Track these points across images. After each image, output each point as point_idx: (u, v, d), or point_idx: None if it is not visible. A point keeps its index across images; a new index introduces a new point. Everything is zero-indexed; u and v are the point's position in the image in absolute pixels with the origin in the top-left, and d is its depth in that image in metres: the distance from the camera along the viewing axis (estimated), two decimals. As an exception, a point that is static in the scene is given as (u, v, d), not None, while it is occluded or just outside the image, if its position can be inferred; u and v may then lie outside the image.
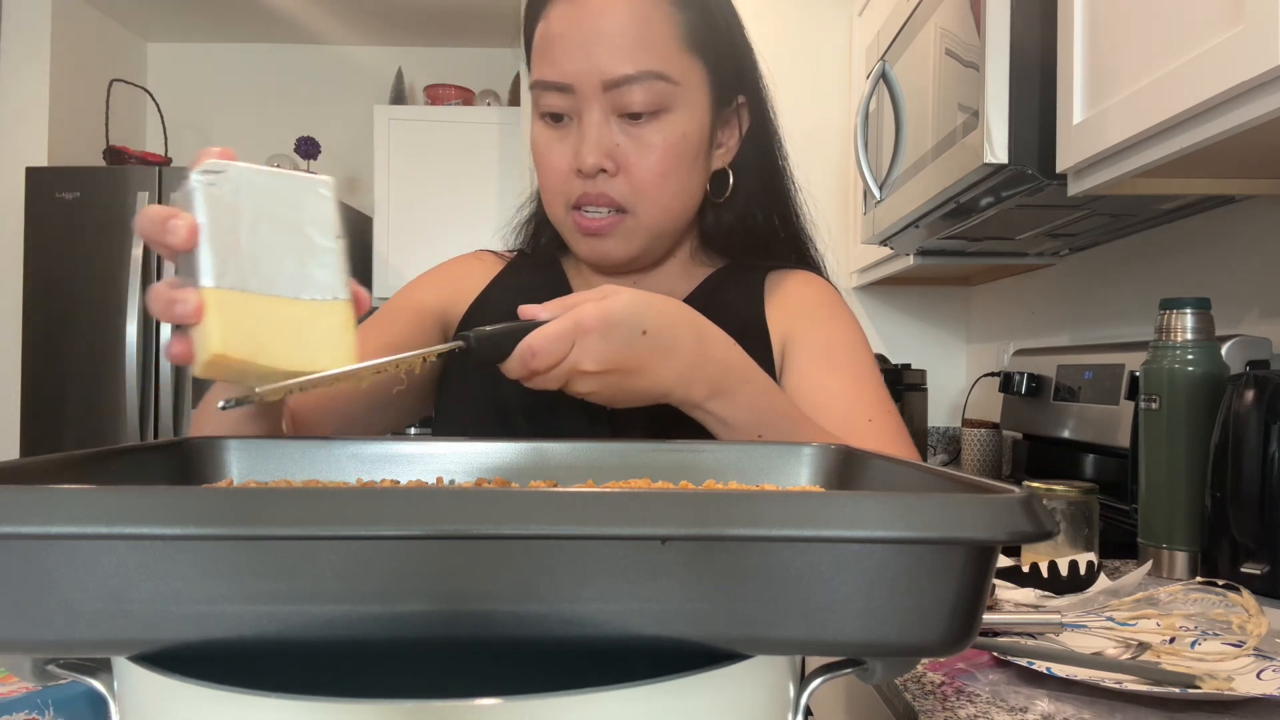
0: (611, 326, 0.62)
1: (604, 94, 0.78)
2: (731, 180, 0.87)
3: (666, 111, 0.80)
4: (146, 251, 3.09)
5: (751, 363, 0.71)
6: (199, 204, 0.51)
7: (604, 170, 0.79)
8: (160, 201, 3.11)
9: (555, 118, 0.82)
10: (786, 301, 0.87)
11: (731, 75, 0.86)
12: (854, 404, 0.80)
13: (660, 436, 0.80)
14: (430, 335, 0.89)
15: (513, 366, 0.62)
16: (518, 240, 0.98)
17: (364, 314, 0.57)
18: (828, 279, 0.93)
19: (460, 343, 0.61)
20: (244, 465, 0.56)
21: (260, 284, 0.52)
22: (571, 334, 0.61)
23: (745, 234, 0.90)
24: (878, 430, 0.78)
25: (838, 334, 0.85)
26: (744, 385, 0.69)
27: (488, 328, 0.62)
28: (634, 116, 0.79)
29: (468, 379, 0.88)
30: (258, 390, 0.51)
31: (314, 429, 0.80)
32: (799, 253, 0.94)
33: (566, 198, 0.82)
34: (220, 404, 0.52)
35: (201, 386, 3.22)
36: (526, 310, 0.64)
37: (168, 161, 3.47)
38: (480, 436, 0.60)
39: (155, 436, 3.15)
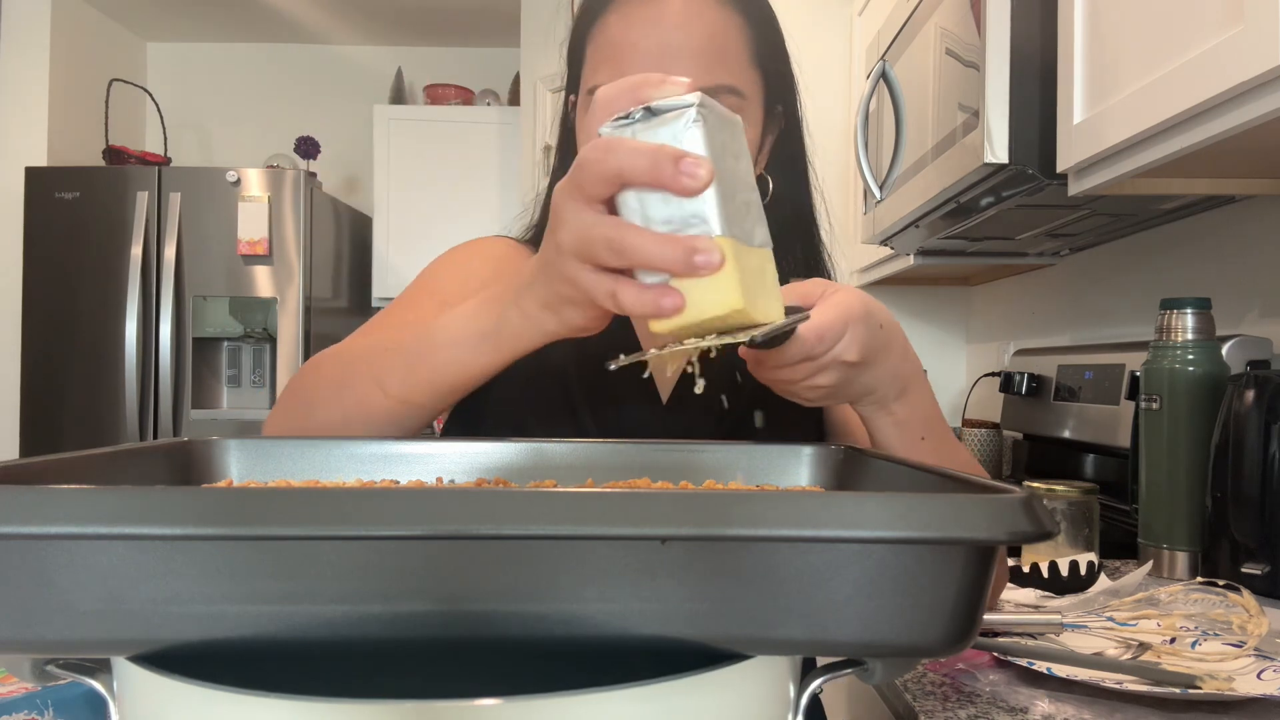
0: (869, 316, 0.61)
1: None
2: (771, 187, 0.86)
3: None
4: (146, 251, 3.09)
5: (919, 365, 0.70)
6: (700, 140, 0.46)
7: None
8: (160, 201, 3.11)
9: None
10: None
11: (780, 86, 0.86)
12: None
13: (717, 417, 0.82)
14: None
15: (794, 351, 0.59)
16: (529, 236, 0.95)
17: None
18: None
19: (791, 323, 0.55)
20: (244, 465, 0.56)
21: (740, 231, 0.48)
22: (846, 322, 0.60)
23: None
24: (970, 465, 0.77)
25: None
26: (920, 385, 0.68)
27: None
28: None
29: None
30: (665, 350, 0.48)
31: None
32: (810, 262, 0.92)
33: None
34: (613, 365, 0.50)
35: (204, 386, 3.22)
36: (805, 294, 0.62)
37: (167, 161, 3.47)
38: (481, 436, 0.60)
39: (155, 436, 3.15)
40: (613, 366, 0.50)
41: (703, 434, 0.84)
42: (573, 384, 0.83)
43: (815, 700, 0.60)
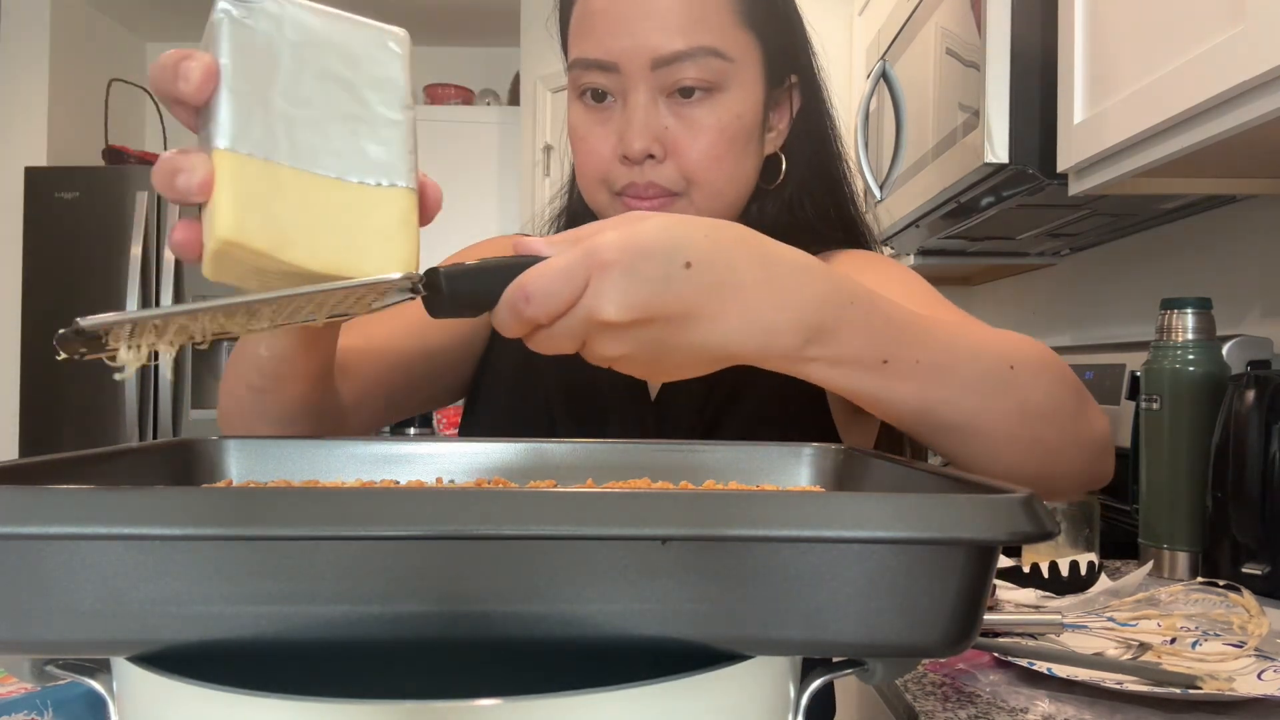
0: (641, 258, 0.45)
1: (652, 73, 0.72)
2: (784, 166, 0.81)
3: (720, 91, 0.73)
4: (146, 251, 3.09)
5: (842, 276, 0.52)
6: (223, 41, 0.39)
7: (651, 156, 0.73)
8: (160, 201, 3.11)
9: (597, 97, 0.75)
10: None
11: (784, 52, 0.80)
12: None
13: (711, 420, 0.77)
14: (477, 322, 0.80)
15: (502, 316, 0.46)
16: (550, 233, 0.92)
17: (434, 213, 0.45)
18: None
19: (420, 275, 0.44)
20: (243, 465, 0.56)
21: (294, 155, 0.40)
22: (583, 269, 0.44)
23: (790, 224, 0.81)
24: (1015, 338, 0.61)
25: (907, 287, 0.72)
26: (848, 309, 0.51)
27: (466, 263, 0.46)
28: (685, 94, 0.73)
29: (506, 353, 0.83)
30: (93, 321, 0.39)
31: (361, 403, 0.72)
32: (852, 242, 0.86)
33: (610, 184, 0.76)
34: (59, 355, 0.42)
35: (204, 386, 3.22)
36: (525, 244, 0.47)
37: (168, 161, 3.47)
38: (481, 437, 0.60)
39: (155, 436, 3.15)
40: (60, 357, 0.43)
41: (684, 419, 0.79)
42: (555, 402, 0.80)
43: (827, 688, 0.57)
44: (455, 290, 0.45)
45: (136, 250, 3.07)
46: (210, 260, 0.39)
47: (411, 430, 3.32)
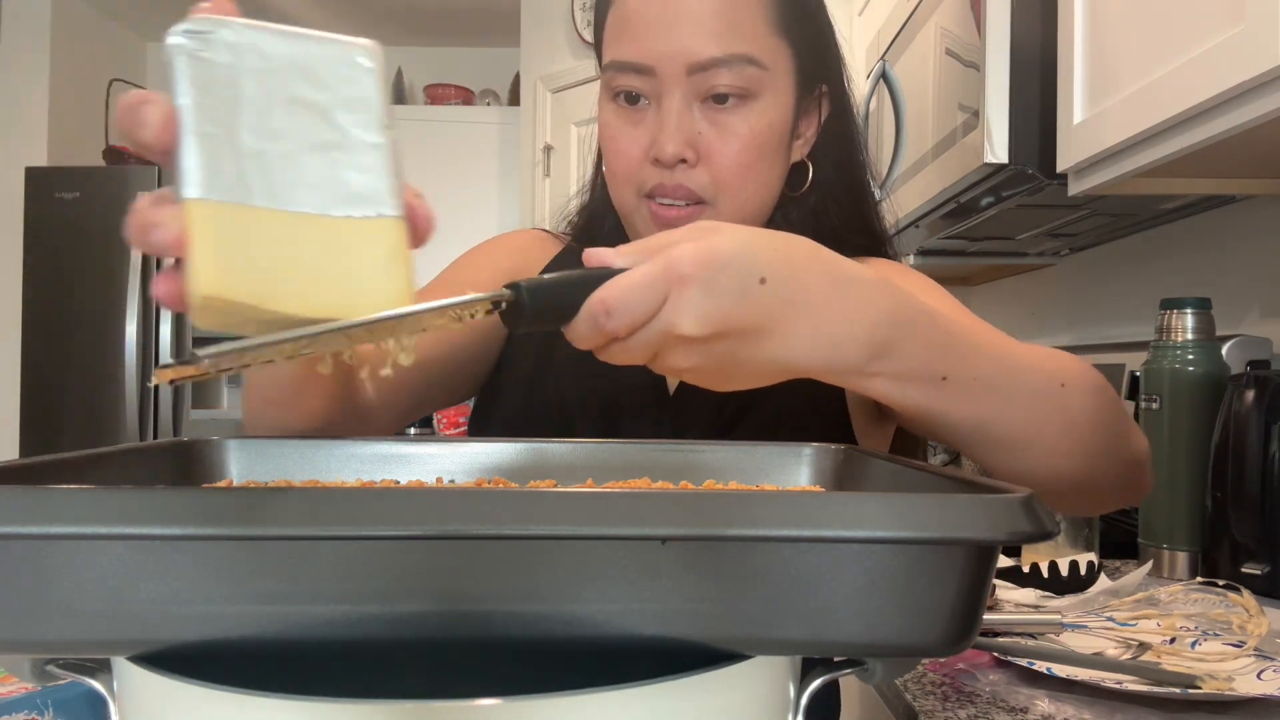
0: (718, 272, 0.45)
1: (687, 78, 0.72)
2: (811, 174, 0.81)
3: (753, 98, 0.74)
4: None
5: (905, 293, 0.52)
6: (181, 80, 0.36)
7: (684, 160, 0.74)
8: (160, 201, 3.11)
9: (631, 99, 0.76)
10: None
11: (816, 60, 0.80)
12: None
13: (731, 418, 0.77)
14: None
15: (580, 330, 0.45)
16: (567, 230, 0.93)
17: (426, 236, 0.42)
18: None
19: (508, 293, 0.44)
20: (244, 465, 0.56)
21: (270, 195, 0.37)
22: (663, 283, 0.44)
23: (815, 231, 0.77)
24: (1061, 356, 0.63)
25: (933, 298, 0.73)
26: (912, 326, 0.51)
27: (545, 276, 0.45)
28: (719, 100, 0.73)
29: (524, 351, 0.82)
30: (210, 352, 0.36)
31: (388, 404, 0.72)
32: (875, 250, 0.87)
33: (639, 186, 0.76)
34: (152, 380, 0.40)
35: (204, 386, 3.22)
36: (595, 255, 0.47)
37: (168, 161, 3.47)
38: (481, 437, 0.60)
39: (155, 436, 3.15)
40: (152, 383, 0.41)
41: (703, 421, 0.79)
42: (571, 399, 0.80)
43: (831, 687, 0.56)
44: (537, 305, 0.44)
45: (137, 251, 3.07)
46: (196, 314, 0.36)
47: (412, 430, 3.32)
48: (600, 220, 0.87)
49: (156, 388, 3.12)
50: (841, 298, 0.49)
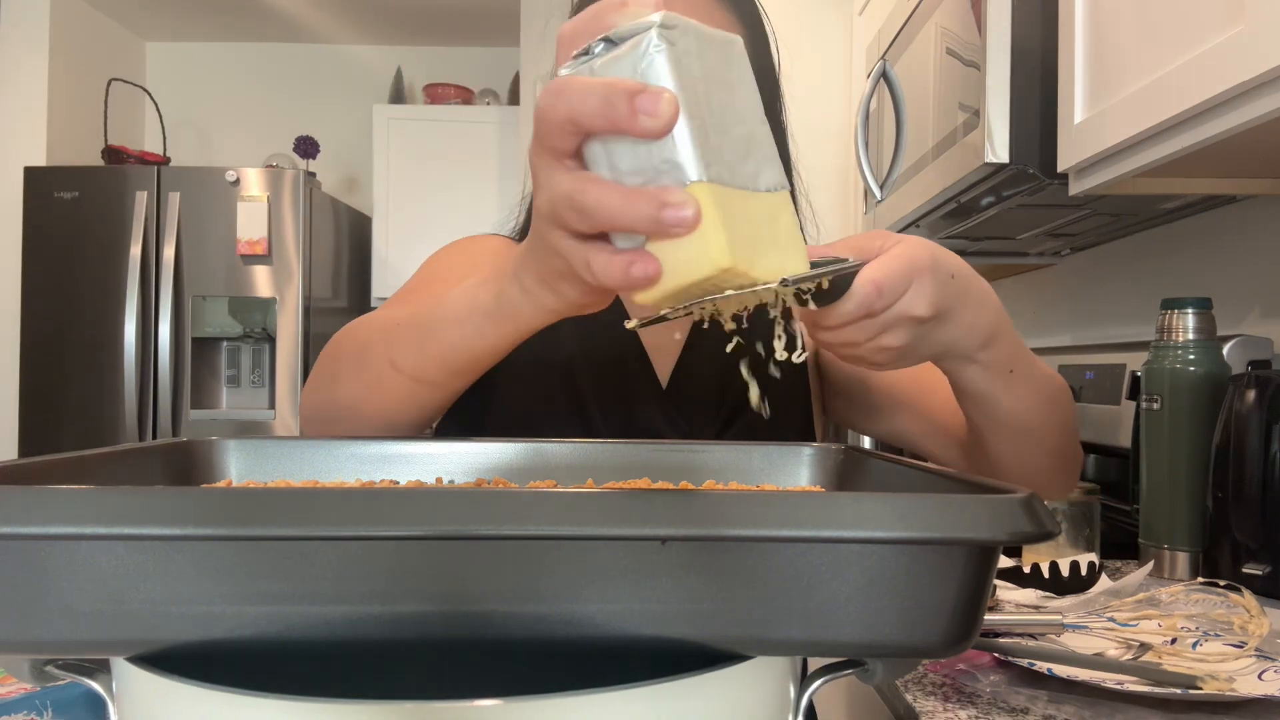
0: (937, 267, 0.57)
1: None
2: None
3: None
4: (145, 251, 3.09)
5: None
6: (664, 70, 0.38)
7: None
8: (159, 201, 3.10)
9: None
10: None
11: (755, 31, 0.88)
12: None
13: (725, 418, 0.83)
14: None
15: (849, 307, 0.54)
16: (514, 233, 0.96)
17: None
18: None
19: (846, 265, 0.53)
20: (243, 465, 0.56)
21: (731, 174, 0.40)
22: (912, 272, 0.55)
23: None
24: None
25: None
26: (1004, 326, 0.64)
27: (824, 265, 0.53)
28: None
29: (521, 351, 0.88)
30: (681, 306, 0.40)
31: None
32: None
33: None
34: (633, 323, 0.44)
35: (203, 387, 3.22)
36: (816, 250, 0.55)
37: (166, 161, 3.47)
38: (480, 437, 0.60)
39: (154, 436, 3.15)
40: (629, 325, 0.45)
41: (704, 419, 0.84)
42: (579, 373, 0.83)
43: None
44: (837, 287, 0.53)
45: (136, 250, 3.06)
46: (674, 290, 0.39)
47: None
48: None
49: (156, 389, 3.13)
50: (980, 294, 0.61)
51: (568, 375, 0.84)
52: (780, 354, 0.47)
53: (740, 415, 0.84)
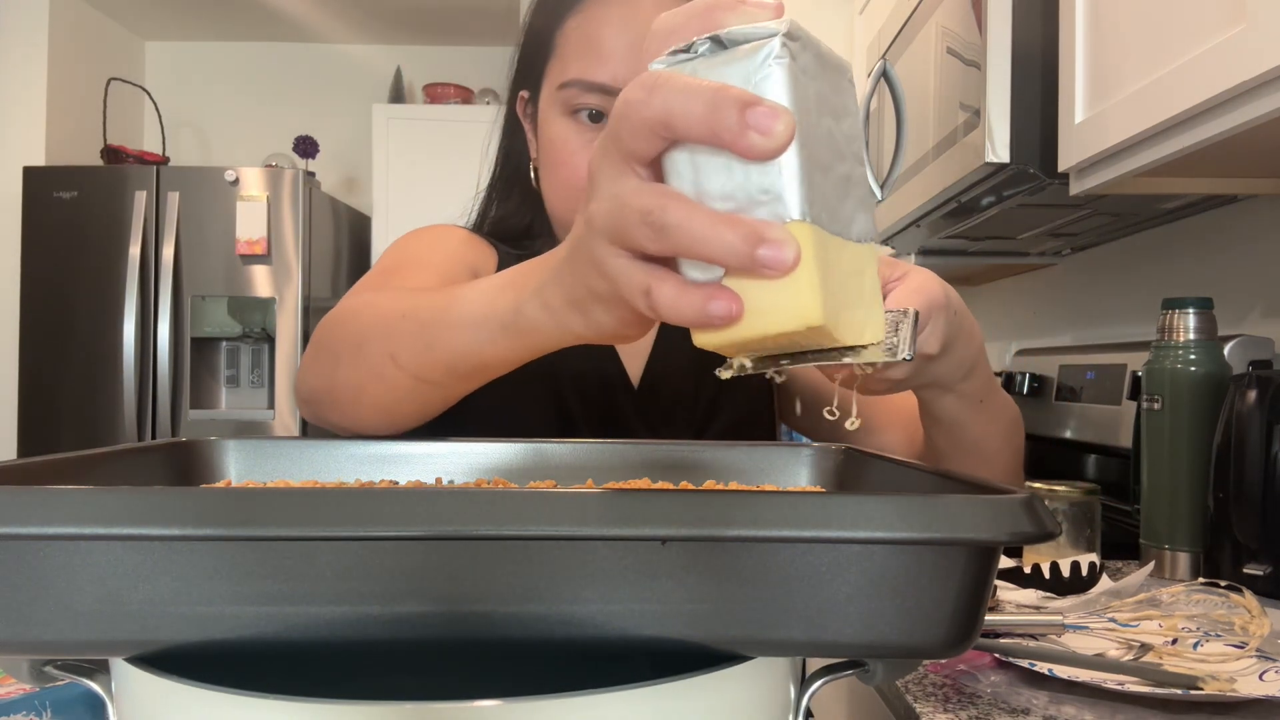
0: (949, 305, 0.59)
1: None
2: None
3: None
4: (144, 251, 3.09)
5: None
6: (781, 84, 0.32)
7: None
8: (158, 201, 3.10)
9: (594, 118, 0.80)
10: None
11: None
12: None
13: (703, 420, 0.85)
14: None
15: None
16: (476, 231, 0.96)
17: None
18: None
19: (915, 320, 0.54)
20: (242, 465, 0.56)
21: (831, 217, 0.34)
22: (929, 314, 0.57)
23: None
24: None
25: None
26: (983, 359, 0.67)
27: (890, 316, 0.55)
28: None
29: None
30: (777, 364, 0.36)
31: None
32: None
33: None
34: (727, 373, 0.38)
35: (202, 387, 3.22)
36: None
37: (165, 161, 3.47)
38: (479, 437, 0.60)
39: (153, 437, 3.15)
40: (722, 374, 0.39)
41: (678, 418, 0.86)
42: (560, 371, 0.84)
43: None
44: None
45: (135, 250, 3.06)
46: (743, 341, 0.34)
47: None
48: (527, 227, 0.95)
49: (155, 389, 3.12)
50: (970, 329, 0.63)
51: (553, 376, 0.84)
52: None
53: (716, 419, 0.86)
